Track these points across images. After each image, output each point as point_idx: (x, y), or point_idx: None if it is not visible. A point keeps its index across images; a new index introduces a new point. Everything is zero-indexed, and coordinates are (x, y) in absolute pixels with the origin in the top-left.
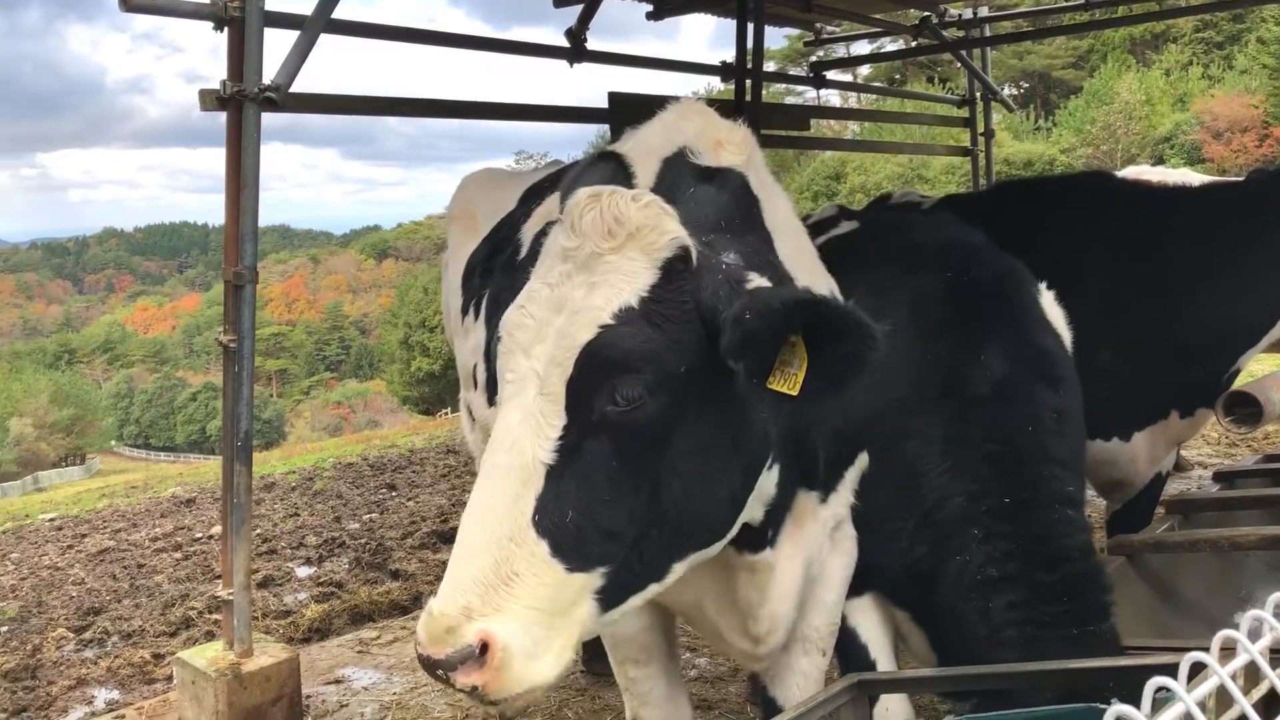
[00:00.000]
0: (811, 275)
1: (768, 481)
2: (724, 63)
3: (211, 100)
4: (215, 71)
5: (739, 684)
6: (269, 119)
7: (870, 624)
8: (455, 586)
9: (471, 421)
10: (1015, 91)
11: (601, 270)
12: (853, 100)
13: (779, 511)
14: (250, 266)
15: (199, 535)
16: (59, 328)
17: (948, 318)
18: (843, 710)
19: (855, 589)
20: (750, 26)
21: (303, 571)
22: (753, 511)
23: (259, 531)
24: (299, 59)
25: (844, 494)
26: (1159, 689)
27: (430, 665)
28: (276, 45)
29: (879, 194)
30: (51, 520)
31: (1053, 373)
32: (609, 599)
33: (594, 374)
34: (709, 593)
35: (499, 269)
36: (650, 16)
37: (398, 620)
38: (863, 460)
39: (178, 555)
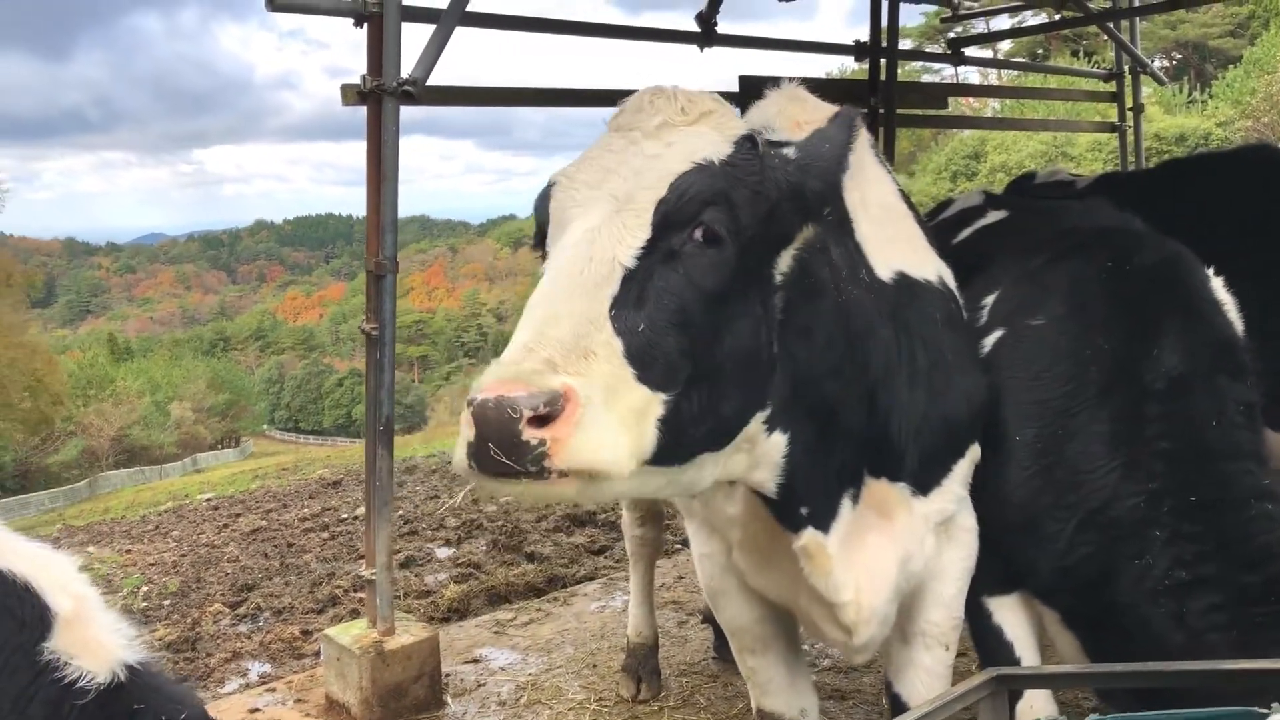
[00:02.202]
0: (904, 257)
1: (769, 446)
2: (858, 42)
3: (353, 95)
4: (357, 66)
5: (874, 675)
6: (408, 112)
7: (1016, 622)
8: (536, 340)
9: None
10: (1167, 63)
11: (677, 135)
12: (993, 77)
13: (812, 491)
14: (390, 257)
15: (344, 516)
16: (214, 316)
17: (1111, 309)
18: (981, 706)
19: (1003, 586)
20: (885, 4)
21: (442, 552)
22: (757, 471)
23: (401, 513)
24: (436, 52)
25: (951, 488)
26: None
27: (491, 412)
28: (415, 40)
29: (1022, 173)
30: (209, 500)
31: (1234, 363)
32: (667, 437)
33: (685, 200)
34: (800, 579)
35: None
36: None
37: (533, 602)
38: (975, 453)
39: (324, 535)
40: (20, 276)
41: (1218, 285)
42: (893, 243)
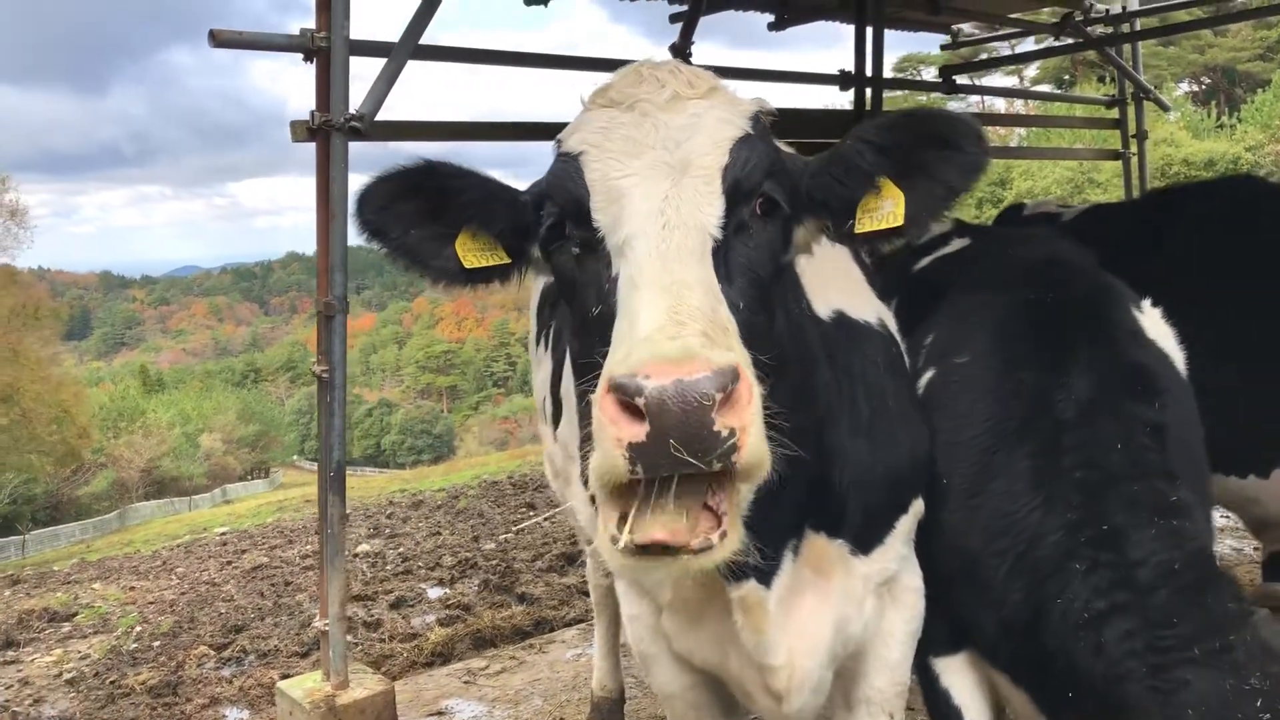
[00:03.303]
0: (842, 298)
1: None
2: (842, 71)
3: (302, 131)
4: (391, 100)
5: None
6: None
7: (964, 685)
8: (679, 307)
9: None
10: (1196, 88)
11: (698, 107)
12: (1000, 105)
13: (762, 533)
14: (340, 296)
15: (344, 553)
16: (246, 348)
17: (1029, 343)
18: None
19: (949, 646)
20: (869, 31)
21: (434, 593)
22: None
23: (400, 550)
24: (385, 87)
25: (894, 546)
26: None
27: (674, 399)
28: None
29: (1010, 204)
30: (221, 535)
31: (1147, 387)
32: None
33: (751, 168)
34: (730, 642)
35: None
36: (772, 27)
37: (508, 649)
38: (918, 508)
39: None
40: (49, 310)
41: (1153, 316)
42: (830, 281)
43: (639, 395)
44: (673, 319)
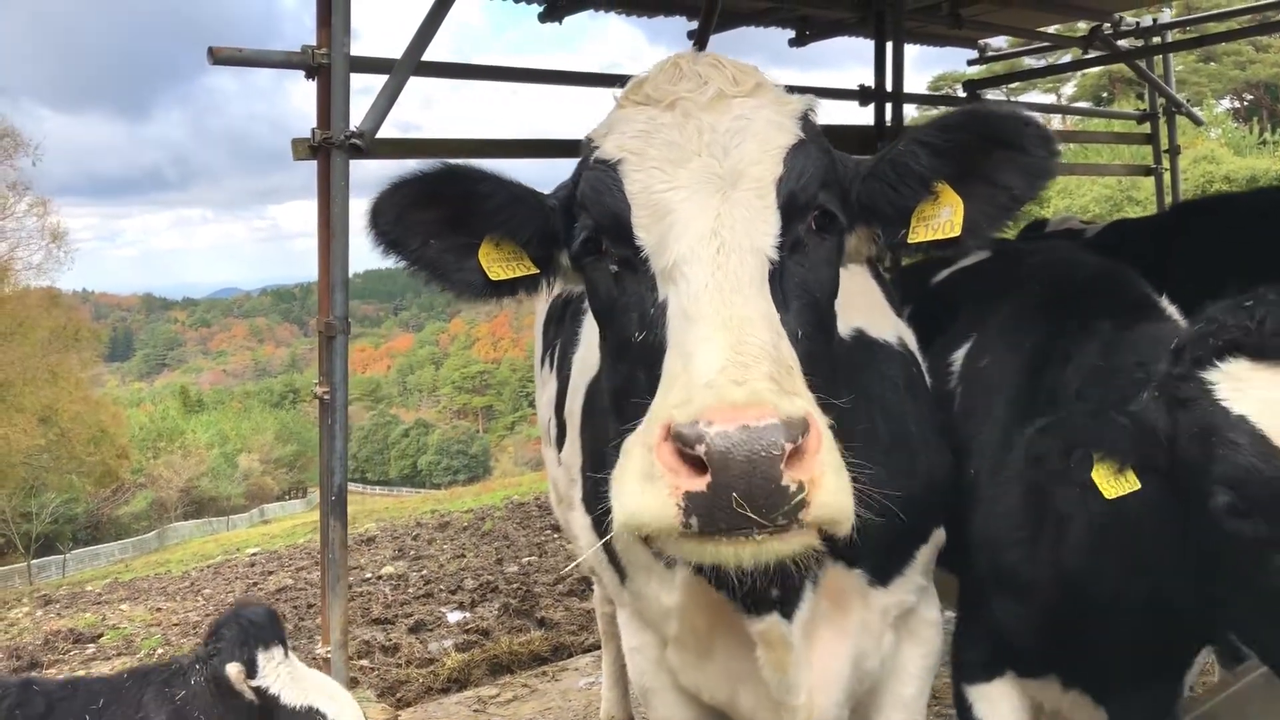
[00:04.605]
0: (862, 315)
1: None
2: (862, 86)
3: (303, 149)
4: (424, 122)
5: None
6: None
7: (1003, 715)
8: (743, 347)
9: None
10: (1238, 104)
11: (744, 107)
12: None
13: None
14: (341, 317)
15: (368, 575)
16: (285, 369)
17: (1038, 328)
18: None
19: (985, 672)
20: (889, 46)
21: (454, 616)
22: None
23: (423, 573)
24: (386, 104)
25: (913, 578)
26: None
27: (740, 450)
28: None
29: (1031, 220)
30: (251, 556)
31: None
32: None
33: (806, 179)
34: (741, 678)
35: (569, 318)
36: (793, 43)
37: (521, 676)
38: (938, 537)
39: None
40: (89, 332)
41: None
42: (848, 297)
43: (700, 443)
44: (736, 360)
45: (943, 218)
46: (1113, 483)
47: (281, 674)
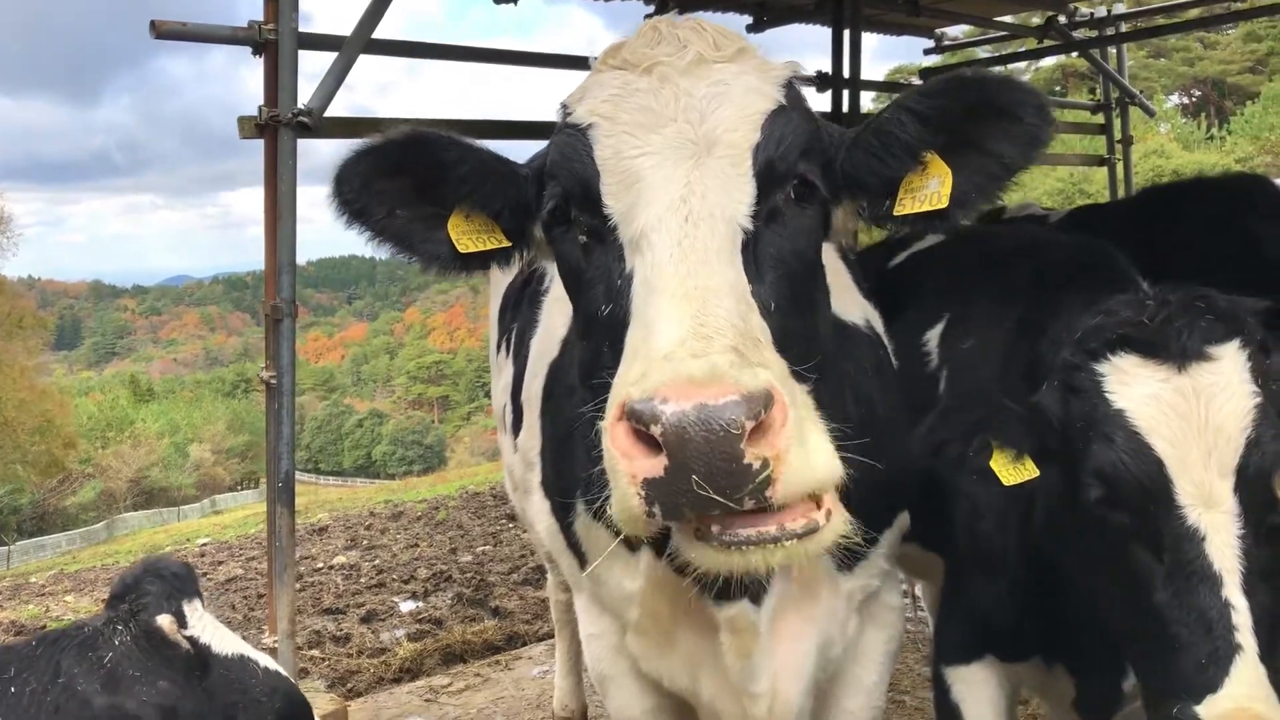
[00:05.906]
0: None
1: None
2: (819, 73)
3: (250, 127)
4: (382, 107)
5: None
6: None
7: (980, 699)
8: (705, 319)
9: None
10: (1186, 100)
11: (724, 72)
12: None
13: None
14: (288, 299)
15: (319, 565)
16: (237, 358)
17: (1022, 304)
18: None
19: (963, 655)
20: (846, 33)
21: (407, 606)
22: None
23: (376, 562)
24: (335, 82)
25: (877, 561)
26: None
27: (696, 428)
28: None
29: (990, 209)
30: (201, 546)
31: None
32: None
33: (785, 146)
34: (703, 665)
35: (527, 302)
36: (750, 29)
37: (475, 665)
38: (903, 521)
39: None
40: (34, 319)
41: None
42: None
43: (655, 423)
44: (697, 332)
45: (930, 188)
46: (1011, 470)
47: (207, 624)
